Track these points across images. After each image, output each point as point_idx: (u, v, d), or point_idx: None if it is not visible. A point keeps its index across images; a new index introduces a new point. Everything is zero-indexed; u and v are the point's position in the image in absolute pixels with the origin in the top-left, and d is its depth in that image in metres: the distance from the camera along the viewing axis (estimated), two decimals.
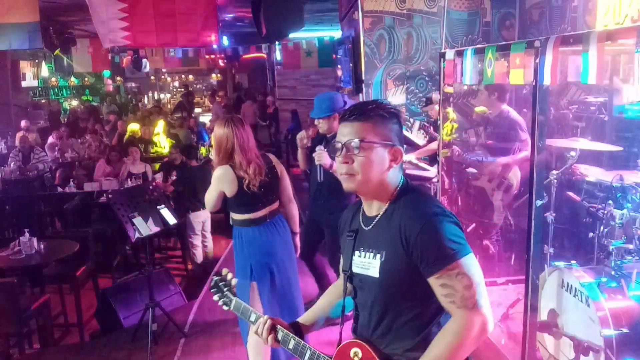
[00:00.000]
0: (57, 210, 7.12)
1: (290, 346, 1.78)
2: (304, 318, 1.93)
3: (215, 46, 9.24)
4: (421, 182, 5.70)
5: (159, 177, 7.17)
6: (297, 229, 3.69)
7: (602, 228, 3.19)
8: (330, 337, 4.16)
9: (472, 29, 6.31)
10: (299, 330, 1.85)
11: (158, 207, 4.46)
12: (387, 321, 1.63)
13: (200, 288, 5.56)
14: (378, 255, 1.62)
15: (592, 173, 3.48)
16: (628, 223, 3.03)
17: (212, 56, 14.40)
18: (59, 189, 7.46)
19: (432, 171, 5.31)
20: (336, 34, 10.84)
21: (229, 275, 2.01)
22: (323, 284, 4.50)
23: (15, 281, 4.26)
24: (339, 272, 3.68)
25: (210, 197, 3.35)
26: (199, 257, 6.55)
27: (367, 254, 1.66)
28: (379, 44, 6.68)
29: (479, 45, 3.48)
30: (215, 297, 2.02)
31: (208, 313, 4.94)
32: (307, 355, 1.73)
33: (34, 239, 4.74)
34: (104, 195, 6.26)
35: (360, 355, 1.65)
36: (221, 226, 7.33)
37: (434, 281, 1.55)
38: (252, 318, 1.91)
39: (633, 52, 2.41)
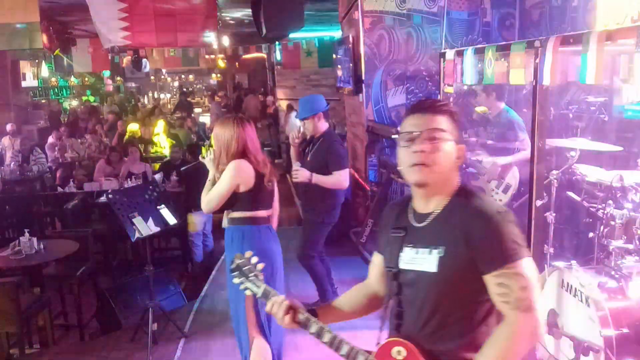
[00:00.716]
0: (57, 210, 7.12)
1: (313, 330, 1.73)
2: (323, 307, 1.90)
3: (215, 46, 9.24)
4: None
5: (158, 177, 7.17)
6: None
7: (602, 228, 3.19)
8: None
9: (472, 29, 6.31)
10: (314, 316, 1.81)
11: (158, 207, 4.46)
12: (438, 318, 1.61)
13: (200, 288, 5.56)
14: (435, 251, 1.61)
15: (592, 173, 3.48)
16: (628, 223, 3.03)
17: (212, 56, 14.40)
18: (59, 189, 7.46)
19: None
20: (336, 34, 10.83)
21: (254, 259, 1.92)
22: (323, 290, 4.44)
23: (15, 281, 4.26)
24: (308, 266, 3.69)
25: (218, 193, 3.18)
26: (199, 255, 6.53)
27: (422, 249, 1.64)
28: (379, 44, 6.68)
29: (479, 45, 3.48)
30: (236, 280, 1.92)
31: (208, 313, 4.94)
32: (345, 349, 1.68)
33: (34, 239, 4.73)
34: (104, 195, 6.25)
35: (404, 354, 1.62)
36: (220, 226, 7.34)
37: (490, 279, 1.55)
38: (277, 299, 1.84)
39: (633, 52, 2.41)
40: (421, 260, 1.63)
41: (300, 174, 4.14)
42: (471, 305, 1.60)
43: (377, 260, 1.85)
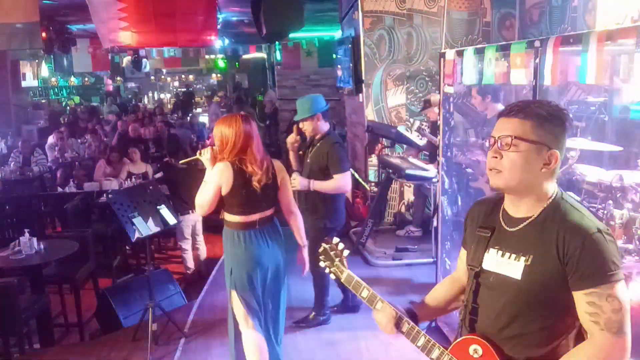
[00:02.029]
0: (57, 210, 7.12)
1: (419, 343, 1.75)
2: (420, 305, 1.91)
3: (215, 46, 9.24)
4: (421, 182, 5.71)
5: (159, 177, 7.17)
6: (304, 241, 3.49)
7: None
8: (330, 338, 4.16)
9: (472, 29, 6.31)
10: (414, 318, 1.84)
11: (158, 207, 4.46)
12: (518, 325, 1.60)
13: (200, 288, 5.56)
14: (523, 258, 1.58)
15: (592, 173, 3.48)
16: (628, 223, 3.03)
17: (212, 56, 14.41)
18: (59, 189, 7.46)
19: (432, 171, 5.31)
20: (336, 34, 10.84)
21: (341, 245, 1.97)
22: (321, 300, 4.37)
23: (15, 281, 4.26)
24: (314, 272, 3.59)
25: (206, 194, 3.19)
26: (189, 262, 6.30)
27: (509, 254, 1.62)
28: (379, 44, 6.68)
29: (479, 45, 3.48)
30: (322, 264, 2.00)
31: (208, 313, 4.94)
32: (435, 353, 1.71)
33: (34, 239, 4.74)
34: (104, 195, 6.25)
35: (480, 352, 1.63)
36: (220, 226, 7.33)
37: (581, 296, 1.52)
38: (364, 294, 1.88)
39: (633, 52, 2.41)
40: (506, 265, 1.62)
41: (297, 182, 4.00)
42: (553, 318, 1.57)
43: (462, 255, 1.84)
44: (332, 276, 1.98)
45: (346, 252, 1.97)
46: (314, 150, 4.18)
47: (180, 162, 3.79)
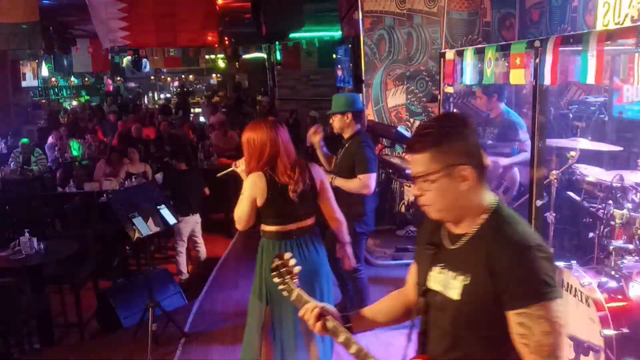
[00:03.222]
0: (57, 210, 7.11)
1: (341, 340, 1.69)
2: (357, 314, 1.84)
3: (215, 46, 9.25)
4: None
5: (159, 177, 7.17)
6: (346, 238, 3.32)
7: (602, 228, 3.19)
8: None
9: (472, 29, 6.31)
10: (349, 325, 1.77)
11: (158, 207, 4.47)
12: (461, 347, 1.53)
13: (200, 288, 5.56)
14: (461, 278, 1.52)
15: (592, 173, 3.48)
16: (628, 223, 3.03)
17: (212, 56, 14.42)
18: (59, 189, 7.46)
19: None
20: (336, 34, 10.84)
21: (292, 262, 1.87)
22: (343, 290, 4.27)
23: (14, 281, 4.26)
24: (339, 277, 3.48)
25: (243, 208, 3.04)
26: (183, 266, 6.15)
27: (450, 272, 1.56)
28: (379, 44, 6.68)
29: (479, 45, 3.48)
30: (276, 280, 1.89)
31: (208, 313, 4.94)
32: (353, 349, 1.65)
33: (34, 239, 4.73)
34: (104, 195, 6.25)
35: None
36: (220, 226, 7.33)
37: (513, 317, 1.44)
38: (309, 304, 1.79)
39: (633, 52, 2.41)
40: (447, 283, 1.55)
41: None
42: (497, 339, 1.49)
43: (413, 271, 1.77)
44: (285, 294, 1.88)
45: (297, 269, 1.87)
46: (344, 151, 4.11)
47: (218, 175, 3.64)
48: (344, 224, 3.29)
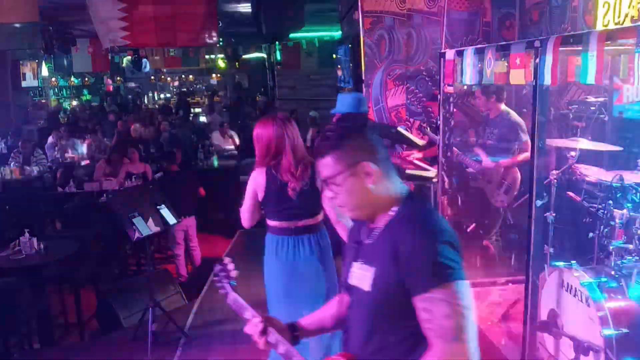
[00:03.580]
0: (57, 210, 7.12)
1: (281, 351, 1.70)
2: (305, 320, 1.85)
3: (215, 46, 9.25)
4: (421, 182, 5.70)
5: (159, 177, 7.17)
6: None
7: (602, 228, 3.19)
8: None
9: (472, 29, 6.31)
10: (296, 333, 1.78)
11: (158, 207, 4.47)
12: (377, 339, 1.55)
13: (200, 288, 5.56)
14: (373, 269, 1.55)
15: (592, 173, 3.48)
16: (628, 223, 3.03)
17: (212, 56, 14.41)
18: (59, 189, 7.46)
19: (432, 171, 5.31)
20: (336, 34, 10.84)
21: (230, 266, 1.88)
22: None
23: (14, 281, 4.26)
24: None
25: (245, 204, 3.08)
26: (182, 268, 6.21)
27: (364, 266, 1.59)
28: (379, 44, 6.67)
29: (479, 45, 3.48)
30: (218, 285, 1.90)
31: (208, 313, 4.94)
32: None
33: (34, 239, 4.73)
34: (104, 195, 6.25)
35: None
36: (220, 227, 7.33)
37: (417, 303, 1.45)
38: (247, 316, 1.78)
39: (633, 52, 2.41)
40: (362, 277, 1.58)
41: None
42: (411, 328, 1.49)
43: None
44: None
45: (235, 273, 1.86)
46: None
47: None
48: (342, 225, 3.27)
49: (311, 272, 3.10)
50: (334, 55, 9.05)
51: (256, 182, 3.05)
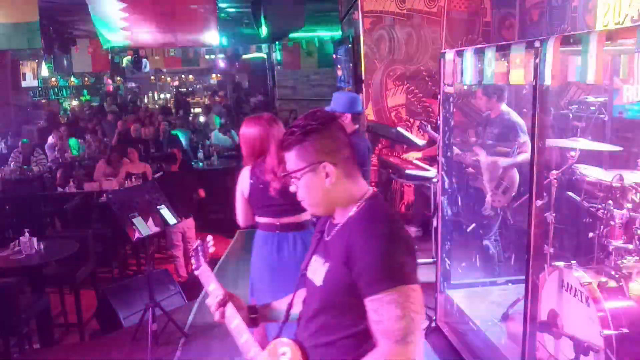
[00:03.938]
0: (57, 210, 7.12)
1: (233, 325, 1.75)
2: (266, 306, 1.88)
3: (215, 46, 9.24)
4: (421, 182, 5.71)
5: (158, 177, 7.17)
6: None
7: (602, 228, 3.19)
8: None
9: (472, 29, 6.32)
10: (255, 315, 1.82)
11: (158, 207, 4.47)
12: (324, 333, 1.56)
13: (200, 288, 5.56)
14: (327, 264, 1.57)
15: (592, 173, 3.48)
16: (628, 223, 3.03)
17: (212, 56, 14.41)
18: (59, 189, 7.46)
19: (432, 171, 5.31)
20: (336, 34, 10.83)
21: (209, 244, 1.96)
22: None
23: (14, 281, 4.26)
24: None
25: (237, 205, 3.16)
26: (182, 269, 6.22)
27: (320, 259, 1.62)
28: (379, 44, 6.68)
29: (479, 45, 3.48)
30: (193, 257, 2.00)
31: (208, 313, 4.86)
32: (243, 338, 1.70)
33: (34, 239, 4.74)
34: (104, 195, 6.25)
35: (288, 356, 1.60)
36: (220, 227, 7.33)
37: (367, 304, 1.45)
38: (210, 287, 1.87)
39: (633, 52, 2.41)
40: (316, 271, 1.61)
41: None
42: (358, 325, 1.50)
43: None
44: (195, 272, 1.99)
45: (211, 249, 1.96)
46: None
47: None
48: None
49: (294, 269, 3.13)
50: (334, 55, 9.04)
51: (242, 180, 3.13)
